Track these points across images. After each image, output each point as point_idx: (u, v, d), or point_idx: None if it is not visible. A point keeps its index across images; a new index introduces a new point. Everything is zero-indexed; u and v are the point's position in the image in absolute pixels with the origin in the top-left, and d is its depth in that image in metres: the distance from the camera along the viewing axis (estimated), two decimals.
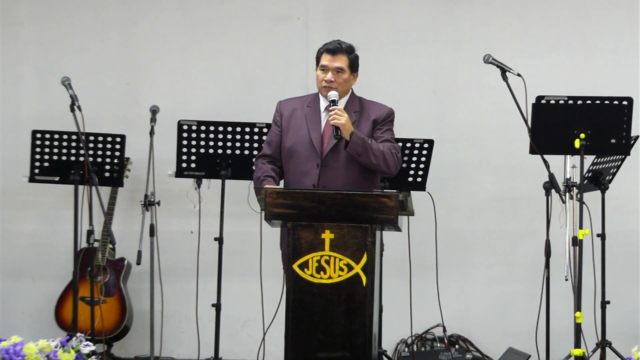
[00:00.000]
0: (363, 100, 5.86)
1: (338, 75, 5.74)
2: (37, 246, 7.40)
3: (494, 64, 5.97)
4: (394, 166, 5.74)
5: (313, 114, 5.79)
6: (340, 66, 5.75)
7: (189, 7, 7.46)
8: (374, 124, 5.78)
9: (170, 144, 6.70)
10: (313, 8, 7.41)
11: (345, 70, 5.76)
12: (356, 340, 5.25)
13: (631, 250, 7.08)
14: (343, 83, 5.76)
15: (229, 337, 7.19)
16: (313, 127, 5.76)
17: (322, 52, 5.80)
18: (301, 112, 5.83)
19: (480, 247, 7.28)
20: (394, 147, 5.76)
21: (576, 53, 7.25)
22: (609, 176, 6.63)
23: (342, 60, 5.75)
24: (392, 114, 5.86)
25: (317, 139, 5.72)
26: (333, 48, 5.77)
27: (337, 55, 5.76)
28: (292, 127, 5.81)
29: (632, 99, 5.73)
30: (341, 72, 5.75)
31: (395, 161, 5.73)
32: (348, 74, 5.77)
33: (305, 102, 5.86)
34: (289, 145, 5.79)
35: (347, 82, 5.77)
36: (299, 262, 5.28)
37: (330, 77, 5.73)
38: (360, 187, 5.64)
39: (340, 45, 5.78)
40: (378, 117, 5.80)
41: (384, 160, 5.67)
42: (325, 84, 5.74)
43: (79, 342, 5.58)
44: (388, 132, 5.81)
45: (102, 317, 6.72)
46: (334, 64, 5.75)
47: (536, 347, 6.51)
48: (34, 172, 6.68)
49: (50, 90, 7.28)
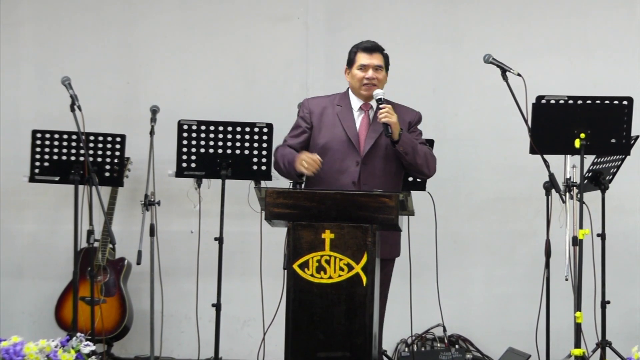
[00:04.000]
0: (392, 103, 5.84)
1: (378, 73, 5.77)
2: (37, 246, 7.40)
3: (494, 64, 5.97)
4: (433, 168, 5.82)
5: (346, 113, 5.79)
6: (379, 64, 5.78)
7: (189, 7, 7.46)
8: (409, 126, 5.81)
9: (170, 144, 6.70)
10: (313, 8, 7.41)
11: (383, 68, 5.80)
12: (356, 340, 5.25)
13: (631, 250, 7.09)
14: (382, 80, 5.79)
15: (229, 337, 7.19)
16: (348, 125, 5.76)
17: (357, 51, 5.81)
18: (332, 111, 5.81)
19: (480, 247, 7.29)
20: (430, 150, 5.85)
21: (576, 53, 7.26)
22: (609, 176, 6.63)
23: (379, 59, 5.79)
24: (421, 117, 5.92)
25: (355, 137, 5.73)
26: (370, 47, 5.80)
27: (374, 53, 5.79)
28: (325, 125, 5.80)
29: (632, 99, 5.73)
30: (380, 69, 5.78)
31: (434, 163, 5.82)
32: (384, 72, 5.81)
33: (335, 101, 5.85)
34: (323, 142, 5.77)
35: (383, 80, 5.80)
36: (299, 262, 5.28)
37: (372, 74, 5.74)
38: (395, 186, 5.73)
39: (376, 43, 5.83)
40: (412, 120, 5.84)
41: (426, 161, 5.73)
42: (366, 82, 5.75)
43: (79, 342, 5.58)
44: (420, 135, 5.88)
45: (102, 317, 6.72)
46: (373, 61, 5.77)
47: (536, 347, 6.51)
48: (34, 171, 6.67)
49: (50, 90, 7.28)
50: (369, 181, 5.68)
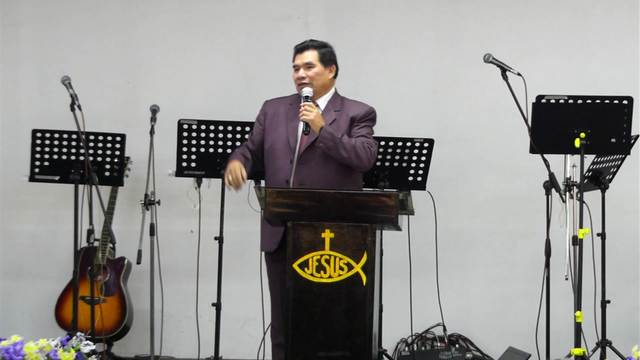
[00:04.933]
0: (345, 100, 5.89)
1: (309, 70, 5.78)
2: (37, 246, 7.40)
3: (494, 64, 5.97)
4: (366, 159, 5.70)
5: (294, 112, 5.81)
6: (308, 61, 5.80)
7: (189, 7, 7.46)
8: (352, 121, 5.79)
9: (170, 143, 6.70)
10: (313, 8, 7.41)
11: (315, 63, 5.80)
12: (356, 340, 5.25)
13: (631, 249, 7.08)
14: (315, 77, 5.79)
15: (229, 336, 7.19)
16: (292, 126, 5.79)
17: (294, 53, 5.88)
18: (283, 111, 5.88)
19: (480, 247, 7.28)
20: (367, 141, 5.75)
21: (576, 53, 7.25)
22: (609, 175, 6.63)
23: (310, 55, 5.81)
24: (372, 112, 5.86)
25: (294, 137, 5.74)
26: (301, 47, 5.86)
27: (304, 52, 5.83)
28: (274, 126, 5.86)
29: (632, 99, 5.73)
30: (311, 66, 5.79)
31: (367, 155, 5.71)
32: (320, 67, 5.80)
33: (288, 101, 5.91)
34: (270, 143, 5.85)
35: (320, 75, 5.81)
36: (299, 261, 5.29)
37: (302, 73, 5.79)
38: (338, 184, 5.67)
39: (308, 42, 5.86)
40: (356, 114, 5.81)
41: (355, 153, 5.66)
42: (298, 82, 5.80)
43: (79, 341, 5.57)
44: (365, 128, 5.81)
45: (102, 317, 6.72)
46: (303, 60, 5.81)
47: (536, 346, 6.51)
48: (34, 171, 6.67)
49: (50, 89, 7.28)
50: (308, 180, 5.68)
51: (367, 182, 6.56)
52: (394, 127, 7.02)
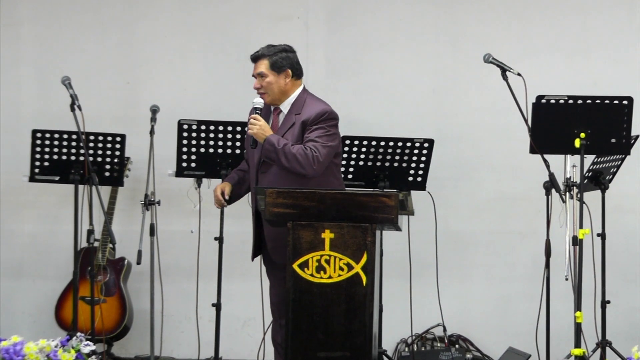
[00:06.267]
0: (308, 100, 5.79)
1: (262, 80, 5.74)
2: (37, 246, 7.40)
3: (494, 64, 5.97)
4: (307, 166, 5.58)
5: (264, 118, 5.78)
6: (260, 71, 5.76)
7: (189, 7, 7.46)
8: (304, 125, 5.69)
9: (170, 144, 6.71)
10: (313, 8, 7.40)
11: (266, 73, 5.74)
12: (356, 340, 5.25)
13: (631, 249, 7.08)
14: (268, 86, 5.73)
15: (229, 336, 7.19)
16: None
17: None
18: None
19: (480, 247, 7.28)
20: (313, 146, 5.61)
21: (576, 53, 7.25)
22: (609, 176, 6.63)
23: (261, 65, 5.76)
24: (324, 113, 5.69)
25: (259, 146, 5.72)
26: (254, 56, 5.81)
27: (257, 62, 5.79)
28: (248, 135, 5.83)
29: (632, 99, 5.73)
30: (263, 76, 5.74)
31: (308, 161, 5.58)
32: (271, 75, 5.74)
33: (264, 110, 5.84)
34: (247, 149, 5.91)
35: (273, 84, 5.74)
36: (299, 261, 5.29)
37: (256, 83, 5.76)
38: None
39: (259, 51, 5.81)
40: (307, 118, 5.69)
41: (296, 161, 5.58)
42: (257, 92, 5.77)
43: (79, 341, 5.57)
44: (316, 131, 5.67)
45: (102, 317, 6.72)
46: (255, 71, 5.78)
47: (536, 346, 6.51)
48: (34, 171, 6.67)
49: (50, 89, 7.28)
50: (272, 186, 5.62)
51: (367, 183, 6.57)
52: (394, 127, 7.03)
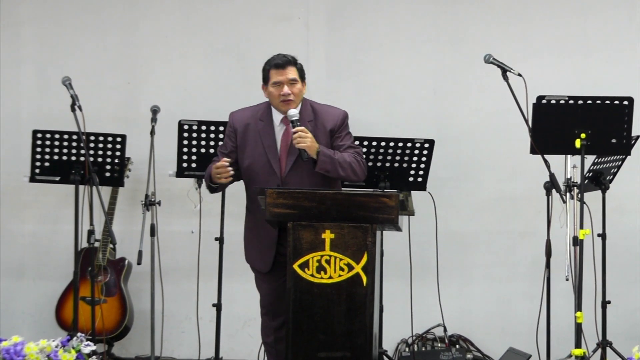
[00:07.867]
0: (315, 106, 5.80)
1: (293, 87, 5.70)
2: (38, 246, 7.40)
3: (495, 64, 5.97)
4: (361, 173, 5.72)
5: (267, 129, 5.75)
6: (293, 77, 5.71)
7: (189, 7, 7.46)
8: (332, 133, 5.72)
9: (171, 144, 6.71)
10: (313, 8, 7.41)
11: (298, 80, 5.73)
12: (357, 340, 5.25)
13: (631, 250, 7.08)
14: (299, 94, 5.72)
15: (230, 337, 7.20)
16: (269, 144, 5.71)
17: (270, 69, 5.75)
18: (255, 127, 5.77)
19: (481, 247, 7.29)
20: (357, 152, 5.74)
21: (576, 53, 7.25)
22: (610, 176, 6.64)
23: (292, 72, 5.73)
24: (346, 117, 5.79)
25: (275, 159, 5.68)
26: (282, 62, 5.73)
27: (286, 67, 5.72)
28: (249, 144, 5.76)
29: (632, 99, 5.73)
30: (295, 82, 5.71)
31: (362, 168, 5.72)
32: (300, 83, 5.74)
33: (258, 115, 5.80)
34: (247, 164, 5.75)
35: (301, 92, 5.74)
36: (299, 262, 5.29)
37: (286, 90, 5.68)
38: None
39: (287, 57, 5.76)
40: (334, 126, 5.73)
41: (352, 170, 5.64)
42: (283, 99, 5.69)
43: (80, 342, 5.57)
44: (347, 137, 5.76)
45: (103, 317, 6.72)
46: (287, 76, 5.71)
47: (537, 347, 6.51)
48: (34, 171, 6.67)
49: (50, 90, 7.28)
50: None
51: (367, 183, 6.56)
52: (394, 128, 7.03)
